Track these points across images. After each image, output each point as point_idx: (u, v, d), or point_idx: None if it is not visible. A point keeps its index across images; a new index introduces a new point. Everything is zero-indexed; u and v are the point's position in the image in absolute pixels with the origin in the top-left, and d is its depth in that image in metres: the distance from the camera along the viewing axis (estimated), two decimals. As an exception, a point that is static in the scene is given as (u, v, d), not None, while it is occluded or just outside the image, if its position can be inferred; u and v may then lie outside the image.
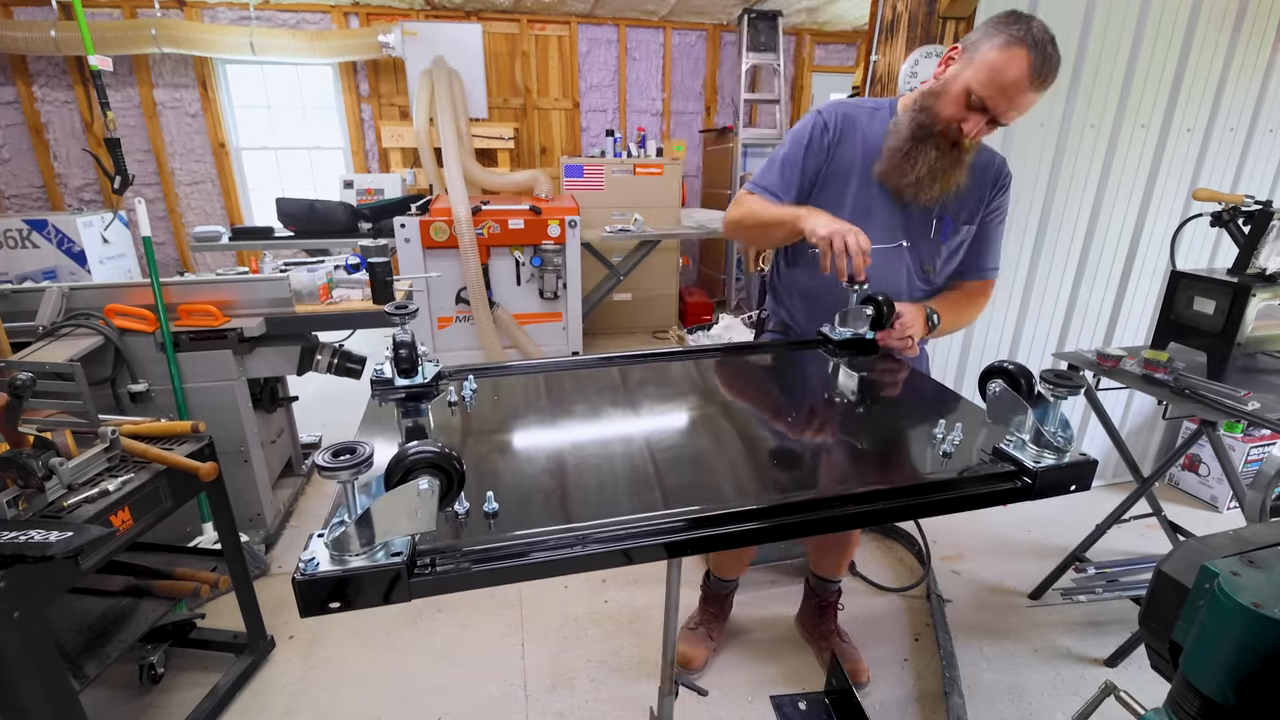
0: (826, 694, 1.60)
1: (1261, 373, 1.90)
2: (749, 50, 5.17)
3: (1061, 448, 0.84)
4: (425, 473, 0.66)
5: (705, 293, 5.65)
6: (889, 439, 1.07)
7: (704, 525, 0.76)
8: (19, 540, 1.14)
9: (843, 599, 1.99)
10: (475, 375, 1.18)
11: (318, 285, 2.37)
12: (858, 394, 1.23)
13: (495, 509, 0.77)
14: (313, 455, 3.02)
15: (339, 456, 0.64)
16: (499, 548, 0.70)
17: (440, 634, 2.04)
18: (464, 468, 0.70)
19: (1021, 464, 0.84)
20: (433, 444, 0.68)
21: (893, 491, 0.83)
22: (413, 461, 0.67)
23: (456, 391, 1.12)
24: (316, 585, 0.63)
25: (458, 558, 0.68)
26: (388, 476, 0.67)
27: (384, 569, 0.64)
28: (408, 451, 0.67)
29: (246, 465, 2.30)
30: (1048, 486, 0.83)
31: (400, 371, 1.10)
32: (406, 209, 3.80)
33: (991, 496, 0.84)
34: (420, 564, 0.67)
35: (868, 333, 1.33)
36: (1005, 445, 0.87)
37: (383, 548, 0.65)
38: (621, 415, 1.11)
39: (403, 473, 0.67)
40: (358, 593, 0.64)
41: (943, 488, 0.84)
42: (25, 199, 4.86)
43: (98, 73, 1.91)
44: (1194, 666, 0.57)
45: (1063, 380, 0.84)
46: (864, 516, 0.83)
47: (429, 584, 0.67)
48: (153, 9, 4.49)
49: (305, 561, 0.63)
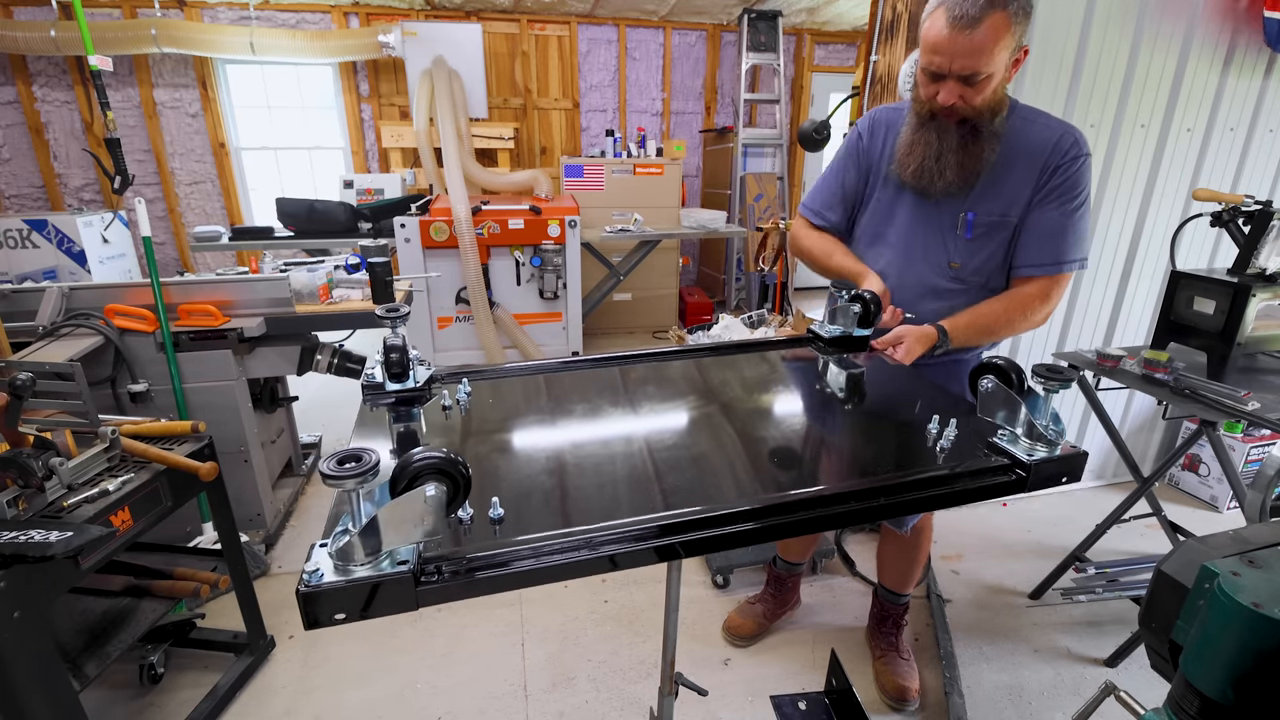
0: (827, 694, 1.60)
1: (1261, 373, 1.90)
2: (749, 50, 5.16)
3: (1054, 440, 0.85)
4: (431, 478, 0.65)
5: (705, 293, 5.65)
6: (881, 436, 1.07)
7: (704, 527, 0.76)
8: (19, 540, 1.14)
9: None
10: (469, 378, 1.17)
11: (318, 285, 2.37)
12: (847, 391, 1.23)
13: (500, 515, 0.76)
14: (314, 458, 3.04)
15: (344, 465, 0.62)
16: (505, 554, 0.69)
17: (440, 634, 2.04)
18: (470, 472, 0.69)
19: (1015, 457, 0.85)
20: (438, 449, 0.67)
21: (886, 488, 0.83)
22: (419, 467, 0.65)
23: (450, 396, 1.11)
24: (323, 598, 0.61)
25: (464, 565, 0.67)
26: (393, 483, 0.65)
27: (391, 578, 0.62)
28: (413, 457, 0.65)
29: (246, 465, 2.30)
30: (1041, 479, 0.84)
31: (391, 376, 1.08)
32: (406, 209, 3.80)
33: (986, 490, 0.85)
34: (427, 572, 0.66)
35: (856, 330, 1.34)
36: (999, 439, 0.88)
37: (388, 556, 0.63)
38: (618, 416, 1.11)
39: (408, 479, 0.65)
40: (365, 603, 0.62)
41: (937, 483, 0.85)
42: (25, 199, 4.86)
43: (98, 73, 1.91)
44: (1194, 666, 0.57)
45: (1054, 374, 0.85)
46: (859, 514, 0.83)
47: (436, 592, 0.65)
48: (153, 9, 4.49)
49: (309, 573, 0.61)
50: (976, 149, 1.28)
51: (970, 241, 1.38)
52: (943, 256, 1.41)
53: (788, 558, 2.03)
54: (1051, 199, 1.32)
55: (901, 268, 1.45)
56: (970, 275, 1.40)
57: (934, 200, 1.38)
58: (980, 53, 1.16)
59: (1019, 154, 1.30)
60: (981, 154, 1.28)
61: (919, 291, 1.43)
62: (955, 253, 1.40)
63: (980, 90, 1.22)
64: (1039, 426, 0.85)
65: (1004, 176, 1.31)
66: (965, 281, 1.41)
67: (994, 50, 1.16)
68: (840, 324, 1.35)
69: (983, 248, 1.38)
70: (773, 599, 2.04)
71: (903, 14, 2.07)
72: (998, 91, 1.24)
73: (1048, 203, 1.32)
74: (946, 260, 1.41)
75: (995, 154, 1.29)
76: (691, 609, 2.13)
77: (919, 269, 1.43)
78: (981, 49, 1.16)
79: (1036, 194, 1.31)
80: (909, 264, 1.44)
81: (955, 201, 1.36)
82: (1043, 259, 1.35)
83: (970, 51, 1.17)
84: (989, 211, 1.34)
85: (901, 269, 1.45)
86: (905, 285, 1.43)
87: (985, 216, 1.35)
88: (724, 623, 2.03)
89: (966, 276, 1.41)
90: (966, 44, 1.16)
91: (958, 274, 1.41)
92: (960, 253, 1.39)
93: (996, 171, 1.31)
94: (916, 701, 1.77)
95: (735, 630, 1.99)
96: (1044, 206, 1.32)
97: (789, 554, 2.02)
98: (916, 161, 1.33)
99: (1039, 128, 1.31)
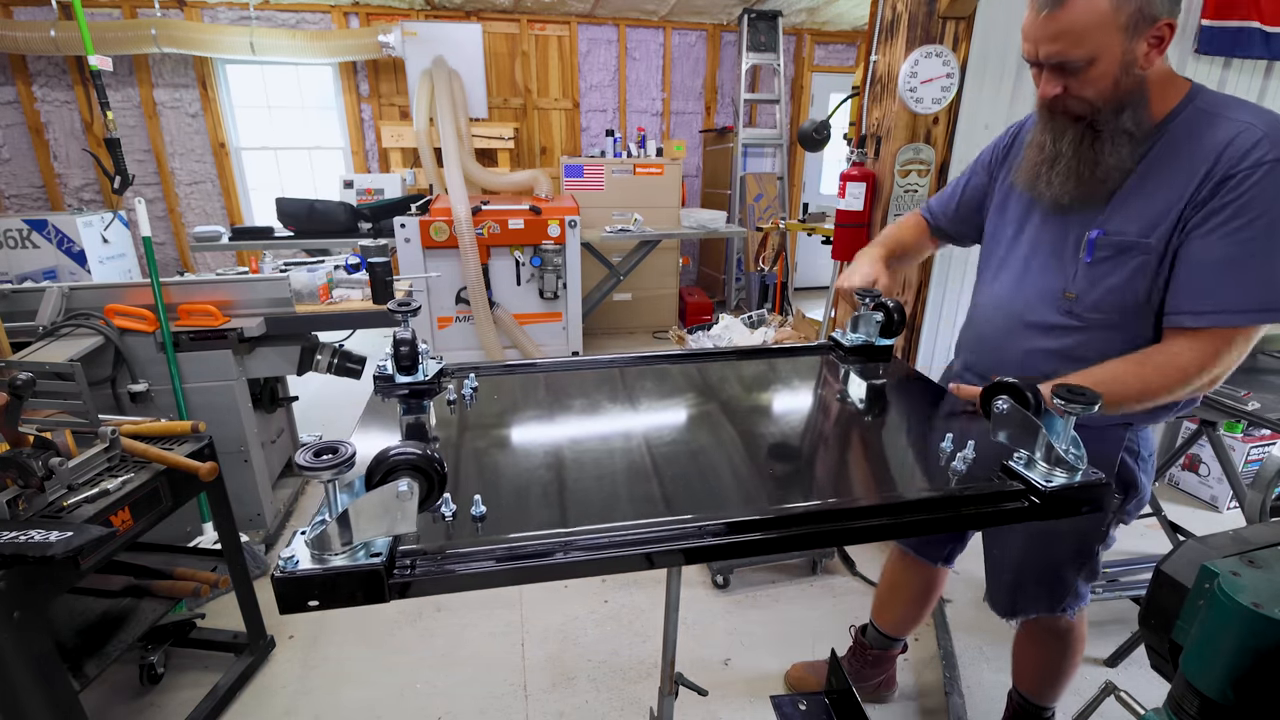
0: (826, 694, 1.59)
1: (1261, 373, 1.90)
2: (749, 50, 5.16)
3: (1073, 465, 0.80)
4: (406, 474, 0.66)
5: (705, 293, 5.65)
6: (896, 452, 1.03)
7: (696, 536, 0.74)
8: (19, 540, 1.14)
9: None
10: (477, 374, 1.18)
11: (318, 285, 2.37)
12: (865, 402, 1.19)
13: (482, 513, 0.76)
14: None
15: (320, 456, 0.64)
16: (481, 551, 0.69)
17: (440, 634, 2.04)
18: (445, 470, 0.69)
19: (1030, 483, 0.81)
20: (415, 446, 0.68)
21: (895, 507, 0.81)
22: (394, 463, 0.67)
23: (456, 390, 1.12)
24: (295, 584, 0.63)
25: (438, 560, 0.68)
26: (368, 477, 0.67)
27: (363, 569, 0.64)
28: (389, 453, 0.67)
29: (246, 465, 2.30)
30: (1057, 507, 0.80)
31: (401, 369, 1.10)
32: (406, 209, 3.80)
33: (997, 515, 0.82)
34: (400, 565, 0.67)
35: (878, 340, 1.29)
36: (1015, 463, 0.84)
37: (363, 548, 0.65)
38: (618, 418, 1.10)
39: (384, 473, 0.66)
40: (336, 592, 0.64)
41: (947, 505, 0.82)
42: (25, 199, 4.86)
43: (98, 73, 1.91)
44: (1194, 666, 0.57)
45: (1076, 396, 0.78)
46: (864, 532, 0.81)
47: (408, 586, 0.66)
48: (153, 9, 4.49)
49: (285, 559, 0.63)
50: (1095, 152, 1.04)
51: (1090, 266, 1.08)
52: (1058, 283, 1.13)
53: (879, 624, 1.73)
54: (1216, 221, 0.97)
55: (1010, 292, 1.21)
56: (1088, 311, 1.10)
57: (1064, 214, 1.13)
58: (1065, 36, 0.96)
59: (1180, 158, 1.01)
60: (1102, 158, 1.04)
61: (1019, 323, 1.18)
62: (1073, 280, 1.11)
63: (1089, 79, 0.99)
64: (1058, 450, 0.80)
65: (1153, 187, 1.03)
66: (1081, 319, 1.11)
67: (1087, 32, 0.95)
68: (862, 332, 1.29)
69: (1105, 276, 1.07)
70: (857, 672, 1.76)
71: (903, 14, 2.07)
72: (1122, 81, 0.99)
73: (1211, 226, 0.98)
74: (1062, 288, 1.13)
75: (1130, 158, 1.03)
76: (691, 609, 2.12)
77: (1028, 295, 1.18)
78: (1067, 31, 0.96)
79: (1194, 212, 0.99)
80: (1018, 289, 1.19)
81: (1087, 217, 1.09)
82: (1198, 304, 0.99)
83: (1054, 35, 0.97)
84: (1121, 230, 1.05)
85: (1010, 294, 1.21)
86: (1005, 314, 1.20)
87: (1114, 236, 1.06)
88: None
89: (1083, 312, 1.11)
90: (1051, 26, 0.97)
91: (1071, 307, 1.12)
92: (1079, 280, 1.10)
93: (1147, 180, 1.04)
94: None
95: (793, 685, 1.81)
96: (1206, 231, 0.98)
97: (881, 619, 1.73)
98: (1030, 164, 1.13)
99: (1220, 124, 0.99)
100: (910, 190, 2.17)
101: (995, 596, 1.41)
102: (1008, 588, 1.36)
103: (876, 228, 2.22)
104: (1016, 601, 1.36)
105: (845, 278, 1.34)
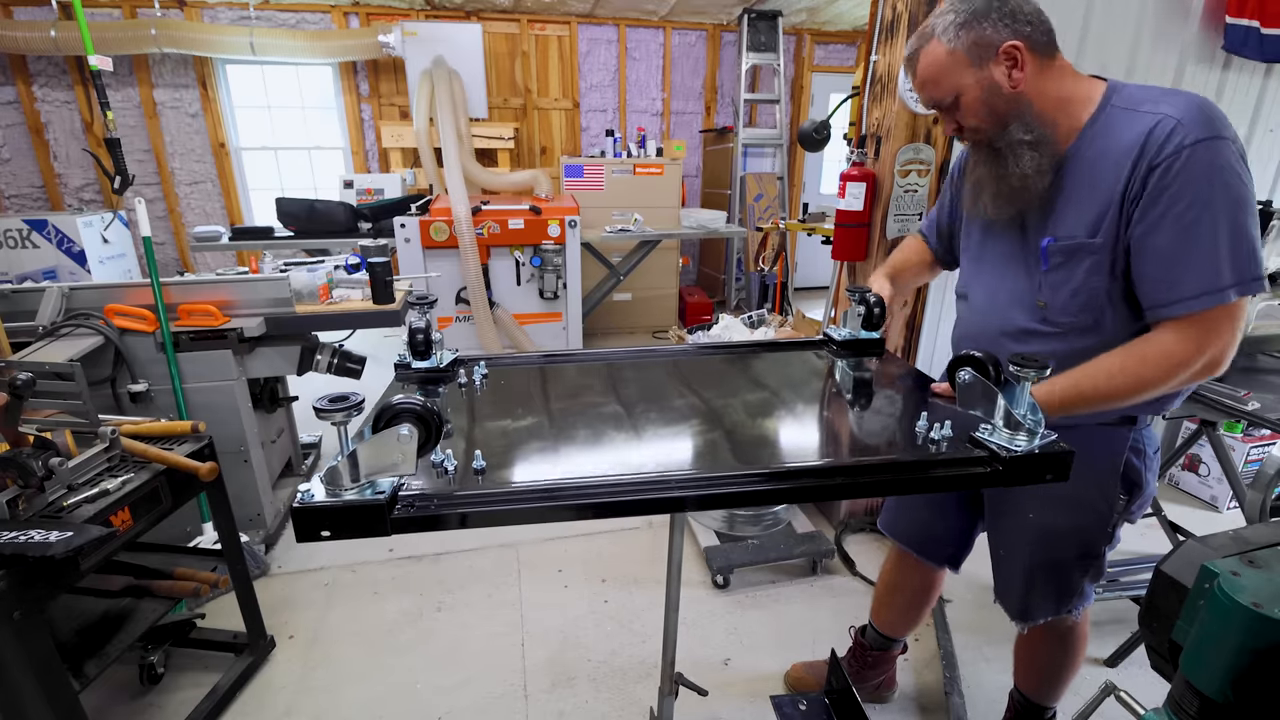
0: (826, 694, 1.60)
1: (1261, 373, 1.90)
2: (749, 50, 5.17)
3: (1033, 429, 0.87)
4: (407, 420, 0.76)
5: (705, 293, 5.65)
6: (876, 429, 1.12)
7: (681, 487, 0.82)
8: (19, 540, 1.14)
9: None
10: (487, 363, 1.30)
11: (318, 285, 2.37)
12: (852, 391, 1.26)
13: (482, 466, 0.85)
14: (314, 458, 3.05)
15: (335, 403, 0.77)
16: (477, 495, 0.79)
17: (440, 634, 2.04)
18: (443, 420, 0.80)
19: (992, 450, 0.87)
20: (419, 397, 0.78)
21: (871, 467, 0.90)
22: (397, 409, 0.77)
23: (467, 375, 1.24)
24: (310, 514, 0.72)
25: (434, 502, 0.78)
26: (375, 422, 0.77)
27: (369, 503, 0.73)
28: (393, 401, 0.78)
29: (246, 465, 2.30)
30: (1021, 473, 0.86)
31: (415, 354, 1.20)
32: (406, 209, 3.80)
33: (960, 479, 0.89)
34: (401, 504, 0.76)
35: (861, 332, 1.36)
36: (981, 433, 0.90)
37: (369, 486, 0.74)
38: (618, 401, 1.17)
39: (388, 419, 0.77)
40: (344, 523, 0.73)
41: (912, 468, 0.89)
42: (25, 199, 4.86)
43: (98, 73, 1.90)
44: (1194, 666, 0.57)
45: (1029, 361, 0.87)
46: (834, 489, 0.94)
47: (406, 522, 0.75)
48: (153, 9, 4.49)
49: (303, 492, 0.73)
50: (1003, 168, 1.11)
51: (1049, 274, 1.13)
52: (1029, 293, 1.18)
53: (877, 623, 1.75)
54: (1156, 212, 0.99)
55: (986, 305, 1.28)
56: (1059, 315, 1.14)
57: (1021, 229, 1.18)
58: (928, 84, 1.13)
59: (1107, 157, 1.04)
60: (1009, 170, 1.11)
61: (1002, 333, 1.23)
62: (1040, 289, 1.16)
63: (965, 111, 1.11)
64: (1016, 416, 0.87)
65: (1087, 189, 1.07)
66: (1057, 324, 1.15)
67: (939, 77, 1.10)
68: (849, 326, 1.38)
69: (1065, 281, 1.11)
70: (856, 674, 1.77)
71: (903, 14, 2.07)
72: (994, 104, 1.08)
73: (1154, 217, 0.99)
74: (1034, 298, 1.17)
75: (1033, 164, 1.09)
76: (691, 609, 2.12)
77: (1005, 308, 1.23)
78: (927, 81, 1.13)
79: (1133, 206, 1.01)
80: (993, 303, 1.26)
81: (1040, 227, 1.15)
82: (1171, 294, 1.00)
83: (921, 86, 1.14)
84: (1070, 235, 1.10)
85: (986, 307, 1.27)
86: (991, 326, 1.26)
87: (1064, 241, 1.10)
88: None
89: (1055, 317, 1.15)
90: (916, 81, 1.15)
91: (1045, 314, 1.16)
92: (1044, 289, 1.15)
93: (1080, 183, 1.08)
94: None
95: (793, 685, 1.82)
96: (1151, 223, 1.00)
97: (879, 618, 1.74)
98: (968, 190, 1.24)
99: (1137, 119, 1.01)
100: (910, 190, 2.17)
101: (1007, 600, 1.40)
102: (1020, 592, 1.36)
103: (876, 228, 2.22)
104: (1029, 605, 1.36)
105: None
